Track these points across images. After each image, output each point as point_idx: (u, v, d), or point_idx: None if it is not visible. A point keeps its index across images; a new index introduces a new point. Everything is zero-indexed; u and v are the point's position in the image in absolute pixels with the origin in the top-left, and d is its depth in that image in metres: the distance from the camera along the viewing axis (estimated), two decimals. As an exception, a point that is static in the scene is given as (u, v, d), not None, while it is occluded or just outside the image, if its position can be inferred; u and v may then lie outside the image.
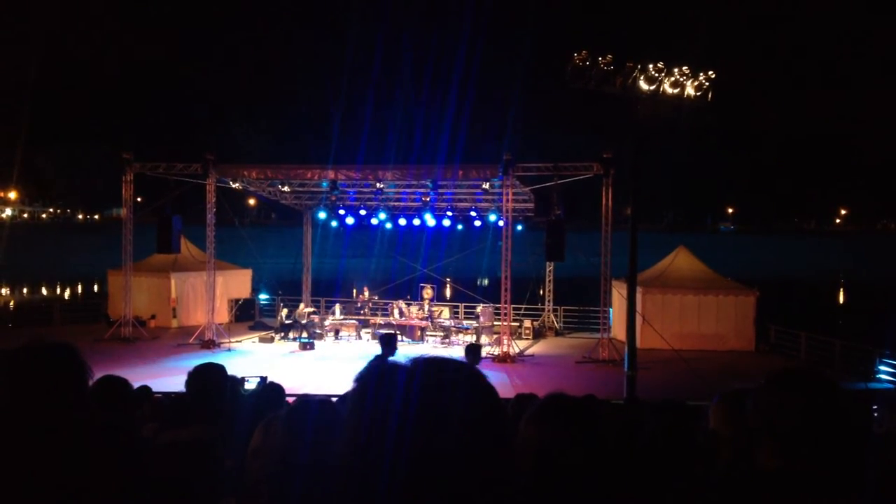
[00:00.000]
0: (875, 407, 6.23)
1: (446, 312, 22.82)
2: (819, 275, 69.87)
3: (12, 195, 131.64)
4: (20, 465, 1.65)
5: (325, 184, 21.90)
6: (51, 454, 1.65)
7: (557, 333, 24.53)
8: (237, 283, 25.79)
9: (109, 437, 1.52)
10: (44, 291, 51.08)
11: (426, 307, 22.48)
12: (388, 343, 8.48)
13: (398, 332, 21.89)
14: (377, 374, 1.09)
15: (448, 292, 24.40)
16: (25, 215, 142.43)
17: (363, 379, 1.10)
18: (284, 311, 22.67)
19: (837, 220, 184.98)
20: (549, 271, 25.36)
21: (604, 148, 19.66)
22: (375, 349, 20.75)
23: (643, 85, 14.61)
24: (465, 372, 1.11)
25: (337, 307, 23.64)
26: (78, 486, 1.52)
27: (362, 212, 23.99)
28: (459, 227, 24.14)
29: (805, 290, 53.16)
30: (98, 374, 2.39)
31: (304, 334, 21.34)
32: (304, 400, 1.85)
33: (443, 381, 1.06)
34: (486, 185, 20.80)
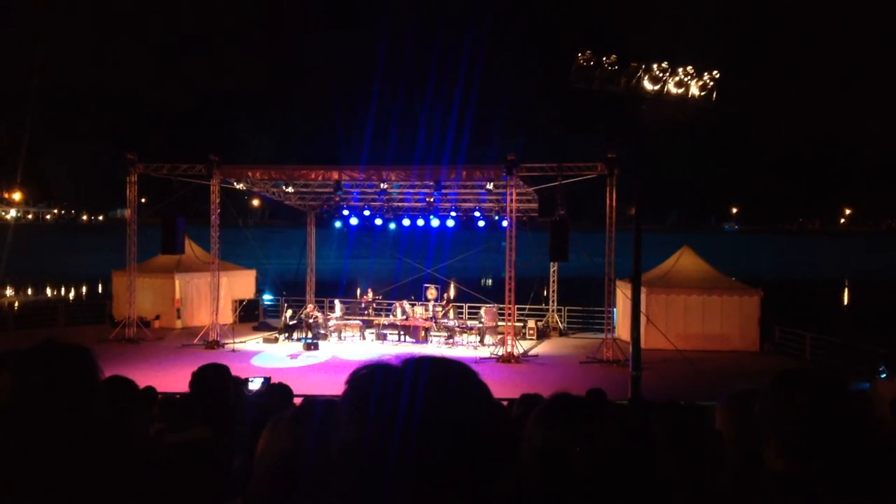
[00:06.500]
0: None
1: (451, 312, 22.83)
2: (824, 275, 69.74)
3: (17, 196, 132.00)
4: (31, 466, 1.66)
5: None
6: (62, 455, 1.65)
7: (561, 334, 24.52)
8: (241, 283, 25.82)
9: (120, 439, 1.52)
10: (48, 292, 51.21)
11: (430, 307, 22.50)
12: None
13: (402, 332, 21.97)
14: (367, 376, 1.09)
15: (452, 293, 24.38)
16: (30, 216, 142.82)
17: (353, 381, 1.10)
18: (289, 312, 22.69)
19: (842, 220, 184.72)
20: (553, 271, 25.35)
21: (608, 148, 19.64)
22: (379, 348, 20.88)
23: (647, 85, 14.60)
24: (456, 369, 1.11)
25: (337, 303, 23.63)
26: (88, 488, 1.52)
27: (366, 212, 24.03)
28: (463, 227, 24.14)
29: (809, 290, 53.05)
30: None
31: (309, 334, 21.36)
32: (310, 401, 1.84)
33: (433, 378, 1.07)
34: (489, 186, 20.80)
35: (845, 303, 55.60)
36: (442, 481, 1.00)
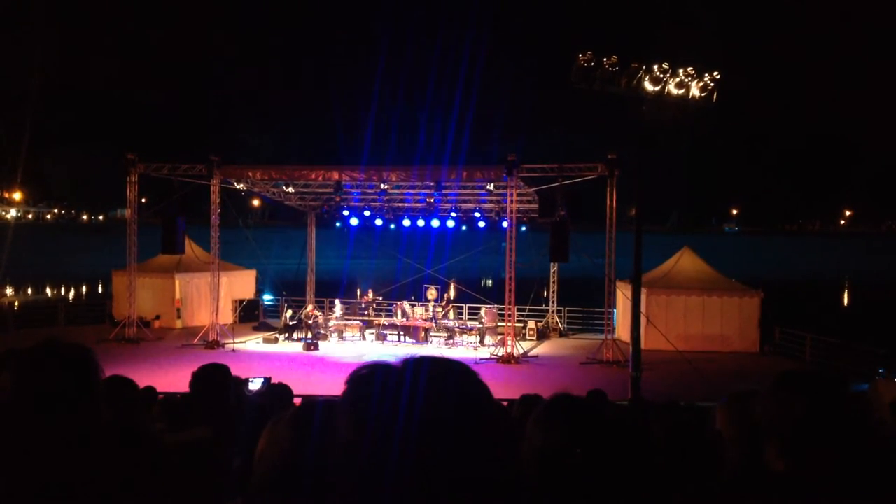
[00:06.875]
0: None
1: (451, 313, 22.82)
2: (824, 276, 69.75)
3: (17, 196, 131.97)
4: (31, 466, 1.66)
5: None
6: (62, 456, 1.65)
7: (561, 334, 24.51)
8: (241, 283, 25.82)
9: (122, 439, 1.52)
10: (48, 292, 51.19)
11: (430, 308, 22.49)
12: None
13: (402, 333, 21.96)
14: (367, 376, 1.09)
15: (452, 293, 24.38)
16: (30, 216, 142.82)
17: (353, 381, 1.10)
18: (289, 312, 22.69)
19: (842, 222, 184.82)
20: (553, 272, 25.35)
21: (608, 149, 19.64)
22: (379, 349, 20.88)
23: (648, 86, 14.59)
24: (456, 369, 1.11)
25: (337, 303, 23.61)
26: (88, 488, 1.52)
27: (366, 213, 24.02)
28: (463, 227, 24.15)
29: (810, 291, 53.03)
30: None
31: (309, 335, 21.36)
32: (310, 401, 1.85)
33: (433, 379, 1.07)
34: (490, 186, 20.80)
35: (845, 304, 55.59)
36: (442, 482, 1.01)
